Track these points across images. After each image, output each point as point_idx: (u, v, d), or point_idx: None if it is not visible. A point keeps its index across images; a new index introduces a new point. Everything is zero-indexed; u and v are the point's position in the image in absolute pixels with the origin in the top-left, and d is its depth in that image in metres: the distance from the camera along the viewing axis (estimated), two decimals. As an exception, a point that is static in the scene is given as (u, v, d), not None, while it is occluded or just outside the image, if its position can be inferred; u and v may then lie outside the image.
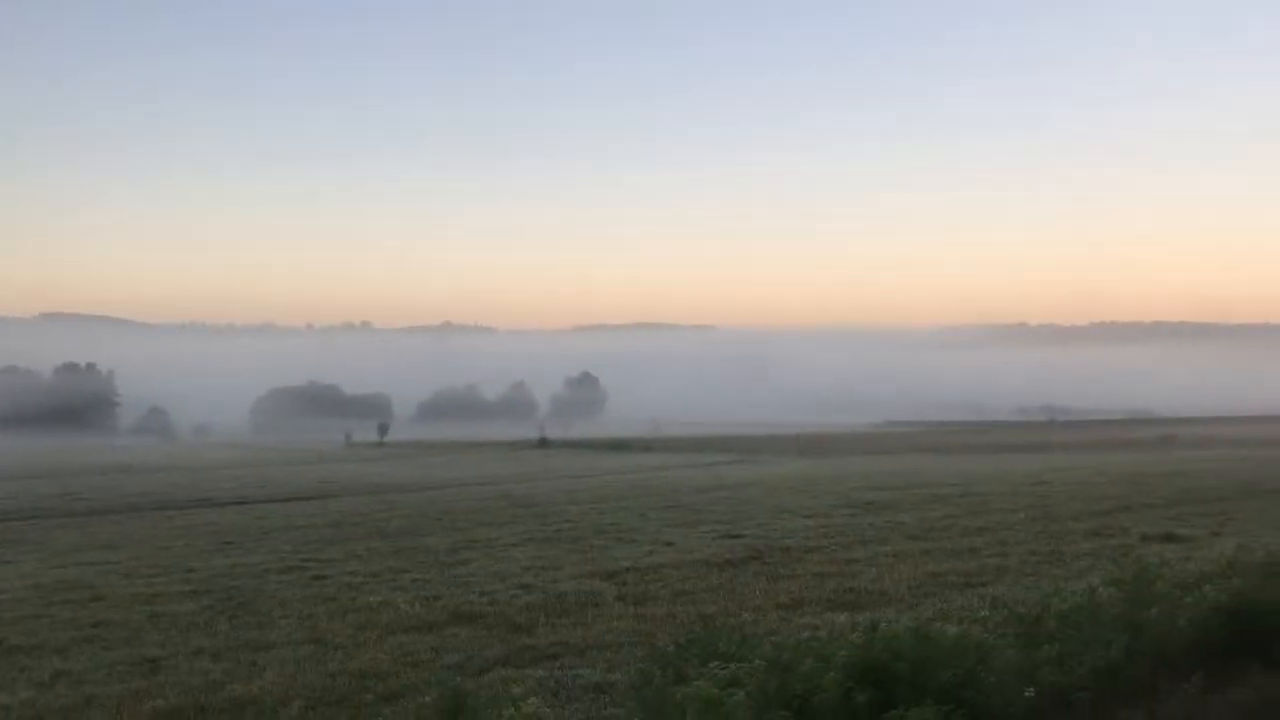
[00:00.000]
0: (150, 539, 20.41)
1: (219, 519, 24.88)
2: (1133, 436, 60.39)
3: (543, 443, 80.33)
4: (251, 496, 33.31)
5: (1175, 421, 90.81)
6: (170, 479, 45.26)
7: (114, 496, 34.46)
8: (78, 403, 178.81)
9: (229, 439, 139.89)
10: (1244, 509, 17.22)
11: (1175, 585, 6.69)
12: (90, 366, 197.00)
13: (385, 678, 8.05)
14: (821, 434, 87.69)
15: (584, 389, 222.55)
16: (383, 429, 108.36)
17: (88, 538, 21.15)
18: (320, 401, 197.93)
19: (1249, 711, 5.01)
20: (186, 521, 24.47)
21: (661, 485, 31.40)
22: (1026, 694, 4.94)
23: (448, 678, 7.26)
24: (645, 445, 73.00)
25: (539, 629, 9.69)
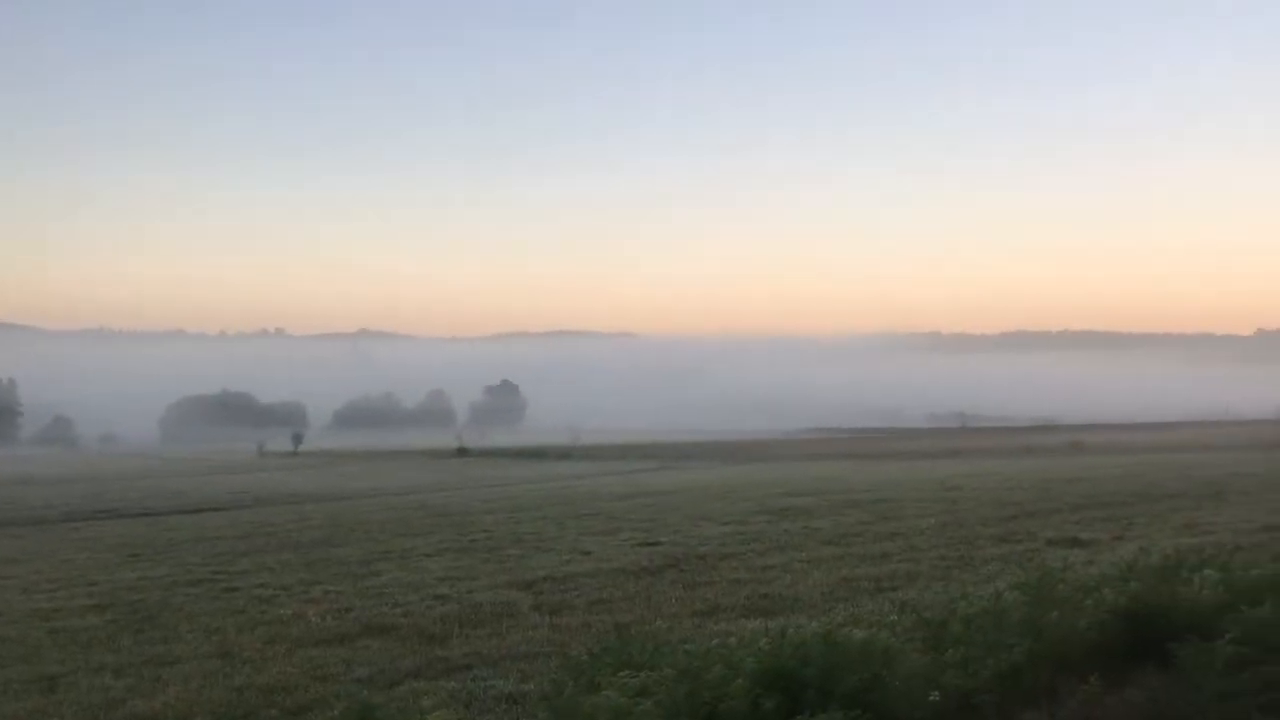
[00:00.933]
0: (52, 552, 19.77)
1: (125, 531, 24.19)
2: (1041, 443, 61.85)
3: (461, 451, 79.71)
4: (159, 508, 32.42)
5: (1081, 428, 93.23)
6: (74, 490, 43.86)
7: (14, 509, 33.28)
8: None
9: (137, 449, 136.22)
10: (1144, 514, 17.71)
11: (1076, 589, 6.87)
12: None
13: (293, 691, 7.90)
14: (742, 441, 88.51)
15: (503, 397, 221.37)
16: (297, 438, 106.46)
17: (-15, 552, 20.41)
18: (232, 410, 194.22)
19: (1143, 711, 5.16)
20: (91, 533, 23.77)
21: (580, 494, 31.34)
22: (931, 697, 5.03)
23: (356, 691, 7.18)
24: (565, 453, 72.81)
25: (453, 640, 9.60)
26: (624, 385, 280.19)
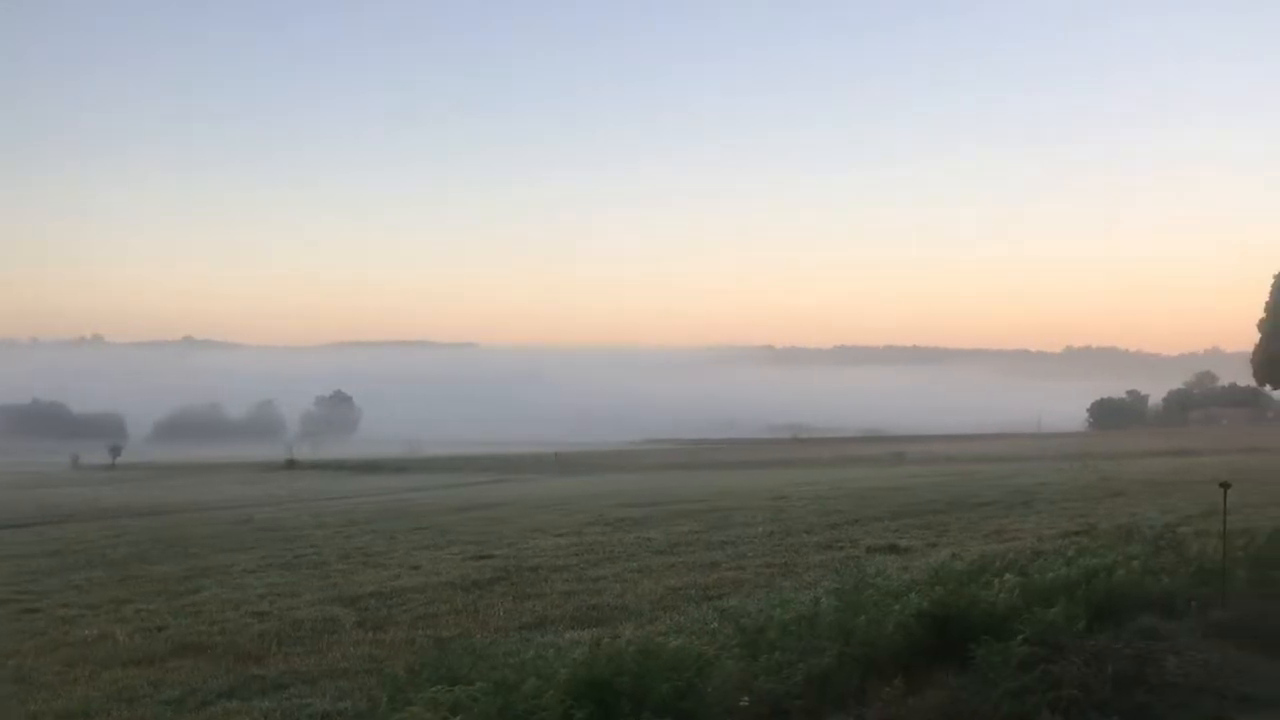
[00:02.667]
0: None
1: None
2: (867, 454, 64.04)
3: (290, 464, 77.45)
4: (-42, 525, 30.32)
5: (904, 439, 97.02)
6: None
7: None
8: None
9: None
10: (958, 521, 18.52)
11: (886, 594, 7.14)
12: None
13: (95, 716, 7.50)
14: (580, 452, 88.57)
15: (336, 408, 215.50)
16: (114, 450, 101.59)
17: None
18: (45, 421, 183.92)
19: (943, 710, 5.39)
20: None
21: (414, 507, 30.83)
22: (742, 702, 5.15)
23: (163, 713, 6.88)
24: (400, 466, 71.55)
25: (271, 658, 9.30)
26: (463, 396, 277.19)
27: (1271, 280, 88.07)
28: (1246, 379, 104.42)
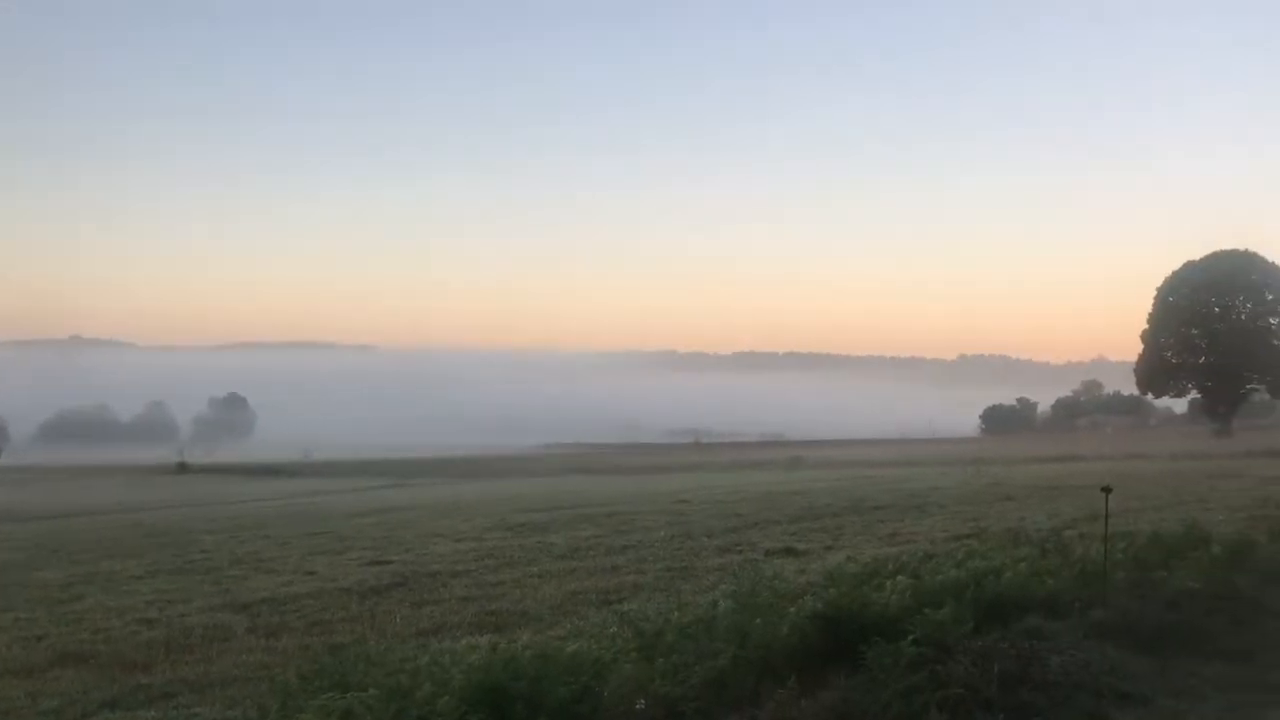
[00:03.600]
0: None
1: None
2: (767, 458, 64.77)
3: (182, 467, 75.32)
4: None
5: (803, 444, 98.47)
6: None
7: None
8: None
9: None
10: (854, 524, 18.85)
11: (781, 596, 7.24)
12: None
13: (-34, 731, 7.22)
14: (482, 456, 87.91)
15: (231, 410, 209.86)
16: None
17: None
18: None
19: (835, 711, 5.48)
20: None
21: (310, 511, 30.24)
22: (638, 706, 5.17)
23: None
24: (296, 470, 70.13)
25: (158, 667, 9.04)
26: (363, 399, 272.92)
27: (1154, 293, 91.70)
28: (1130, 387, 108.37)
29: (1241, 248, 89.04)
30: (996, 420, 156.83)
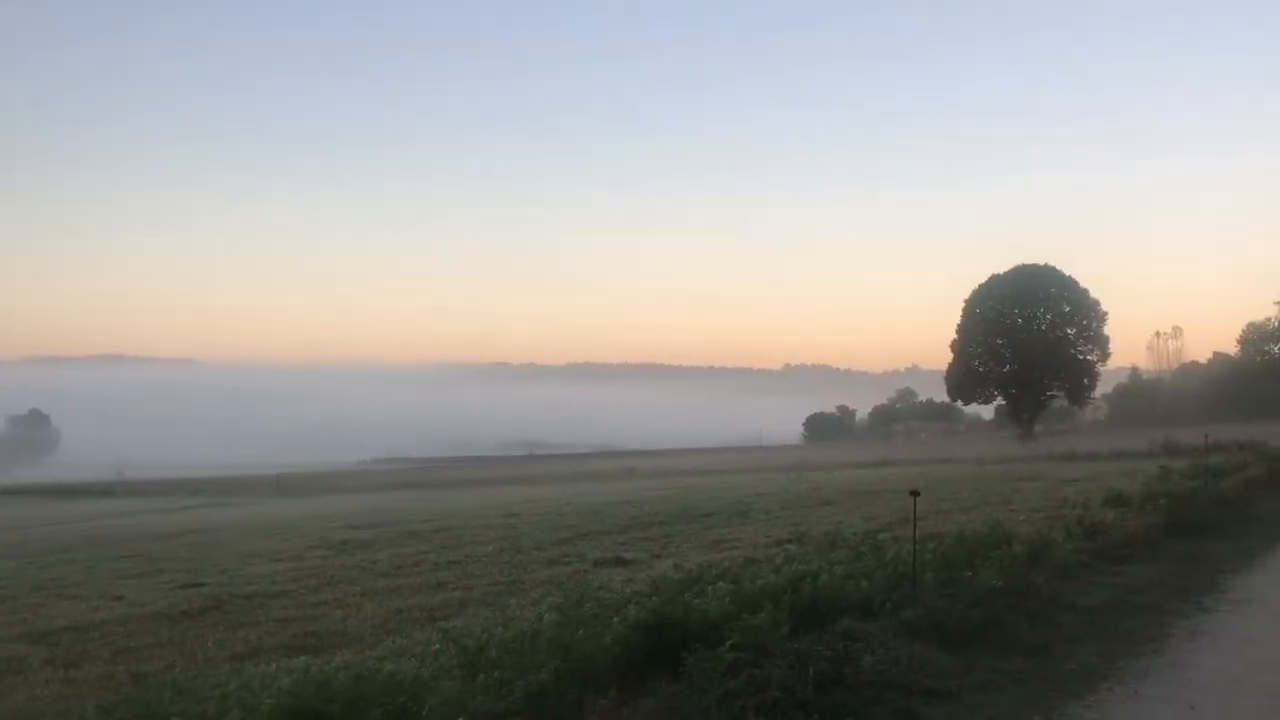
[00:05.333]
0: None
1: None
2: (599, 469, 64.97)
3: (-25, 490, 70.30)
4: None
5: (635, 454, 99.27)
6: None
7: None
8: None
9: None
10: (682, 532, 19.13)
11: (605, 606, 7.26)
12: None
13: None
14: (304, 473, 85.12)
15: (32, 428, 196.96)
16: None
17: None
18: None
19: (657, 718, 5.53)
20: None
21: (119, 534, 28.66)
22: (458, 723, 5.11)
23: None
24: (105, 490, 66.35)
25: (-58, 707, 8.40)
26: (178, 416, 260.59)
27: (963, 305, 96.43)
28: (941, 395, 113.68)
29: (1042, 262, 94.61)
30: (818, 428, 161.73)
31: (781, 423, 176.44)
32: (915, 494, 9.35)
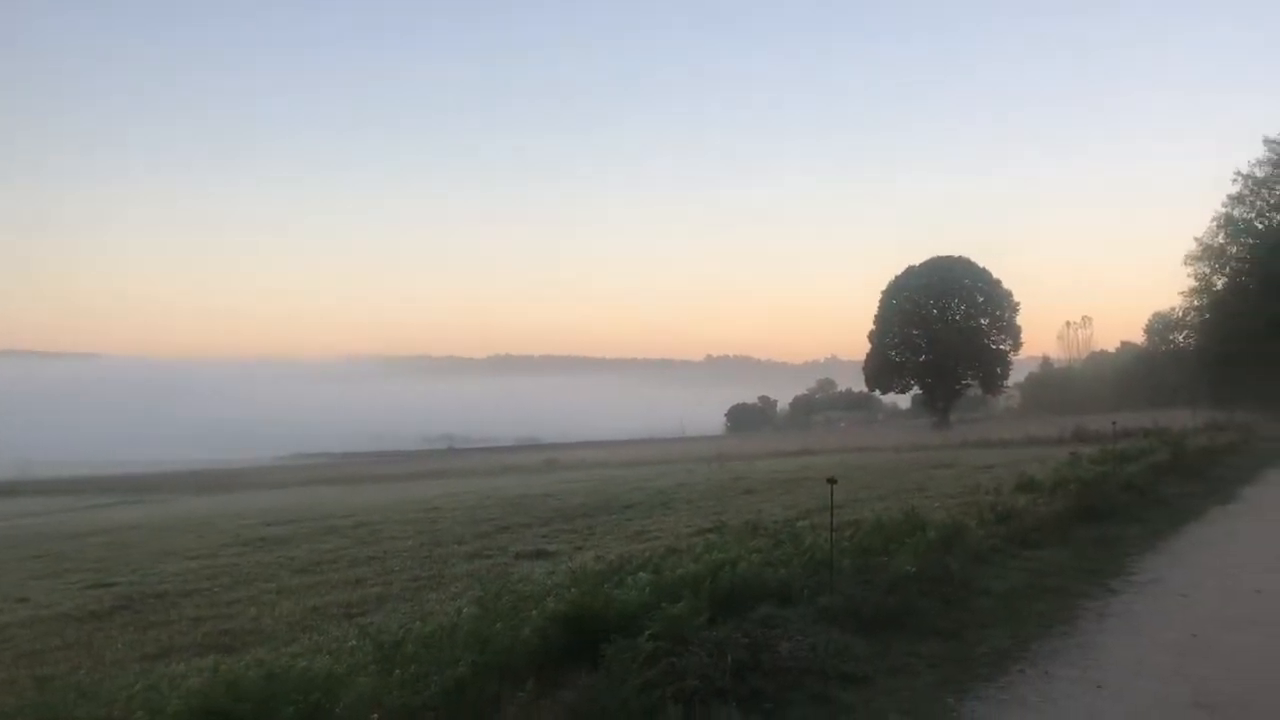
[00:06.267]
0: None
1: None
2: (521, 462, 64.69)
3: None
4: None
5: (558, 446, 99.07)
6: None
7: None
8: None
9: None
10: (603, 524, 19.14)
11: (524, 599, 7.22)
12: None
13: None
14: (219, 470, 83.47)
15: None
16: None
17: None
18: None
19: (575, 710, 5.51)
20: None
21: (25, 534, 27.84)
22: (372, 719, 5.03)
23: None
24: (10, 489, 64.27)
25: None
26: (87, 411, 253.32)
27: (879, 296, 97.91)
28: (860, 385, 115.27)
29: (956, 254, 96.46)
30: (740, 418, 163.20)
31: (704, 414, 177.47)
32: (832, 482, 9.46)
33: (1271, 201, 62.01)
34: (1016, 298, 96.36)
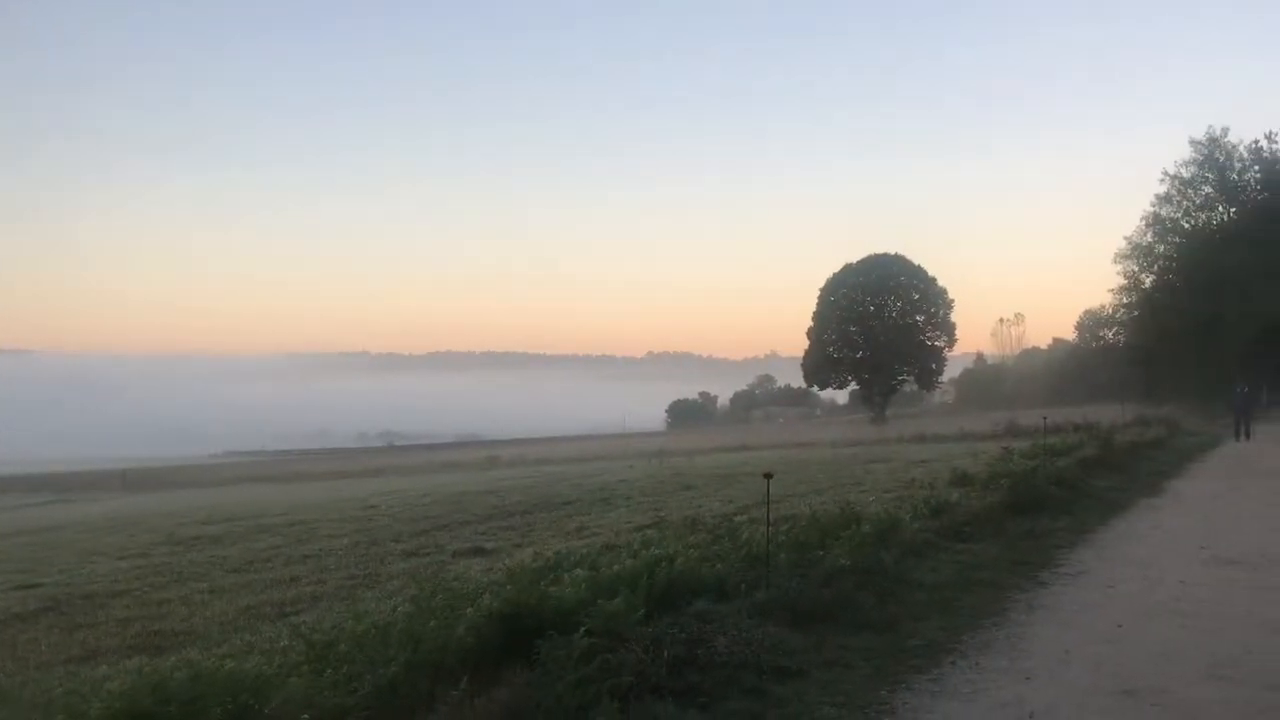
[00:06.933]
0: None
1: None
2: (461, 459, 64.30)
3: None
4: None
5: (498, 443, 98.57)
6: None
7: None
8: None
9: None
10: (543, 521, 19.08)
11: (459, 597, 7.17)
12: None
13: None
14: (152, 468, 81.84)
15: None
16: None
17: None
18: None
19: (509, 707, 5.49)
20: None
21: (-53, 534, 27.08)
22: (302, 719, 4.97)
23: None
24: (-68, 489, 62.54)
25: None
26: (17, 408, 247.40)
27: (818, 293, 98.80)
28: (799, 381, 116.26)
29: (893, 252, 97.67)
30: (681, 414, 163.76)
31: (645, 409, 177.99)
32: (769, 476, 9.51)
33: (1197, 202, 63.57)
34: (952, 295, 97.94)
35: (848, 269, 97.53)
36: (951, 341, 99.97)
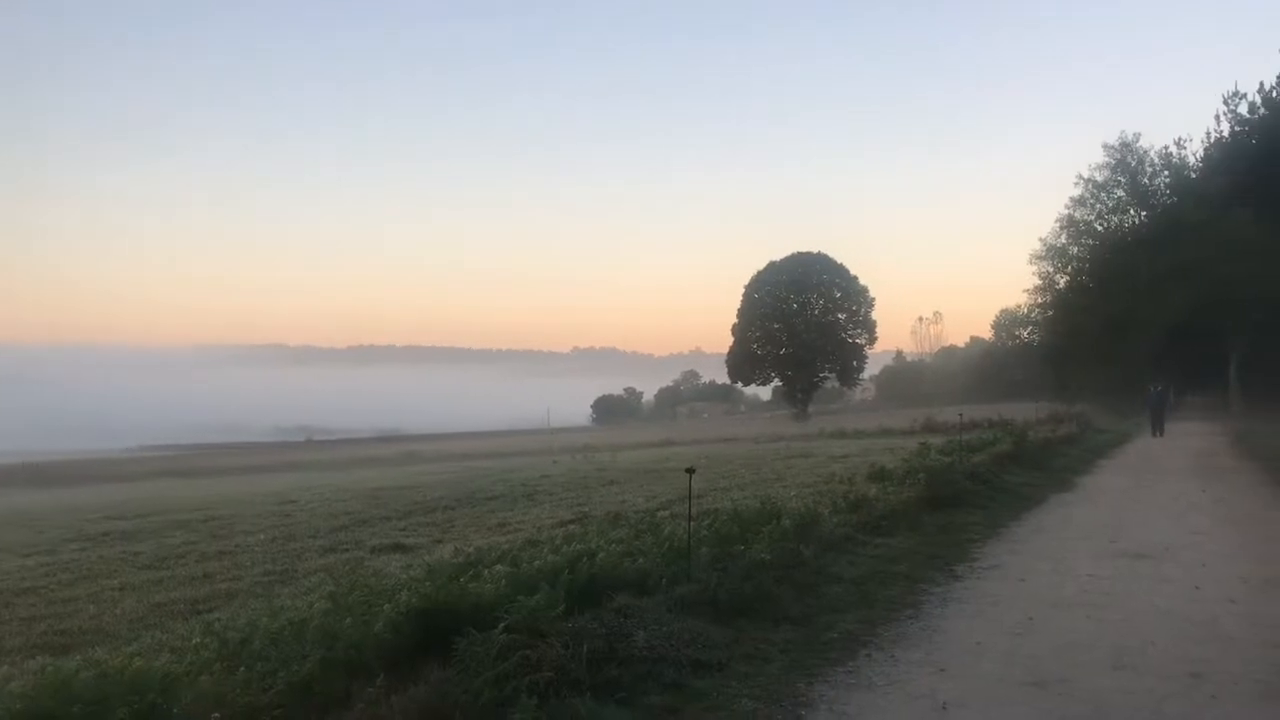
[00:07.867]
0: None
1: None
2: (381, 454, 63.58)
3: None
4: None
5: (420, 438, 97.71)
6: None
7: None
8: None
9: None
10: (464, 516, 18.93)
11: (377, 593, 7.08)
12: None
13: None
14: (57, 461, 79.49)
15: None
16: None
17: None
18: None
19: (425, 705, 5.43)
20: None
21: None
22: (214, 718, 4.87)
23: None
24: None
25: None
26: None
27: (743, 290, 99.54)
28: (723, 377, 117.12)
29: (816, 250, 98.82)
30: (606, 409, 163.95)
31: (570, 405, 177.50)
32: (690, 471, 9.56)
33: (1110, 205, 65.41)
34: (872, 293, 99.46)
35: (772, 267, 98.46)
36: (872, 339, 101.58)
